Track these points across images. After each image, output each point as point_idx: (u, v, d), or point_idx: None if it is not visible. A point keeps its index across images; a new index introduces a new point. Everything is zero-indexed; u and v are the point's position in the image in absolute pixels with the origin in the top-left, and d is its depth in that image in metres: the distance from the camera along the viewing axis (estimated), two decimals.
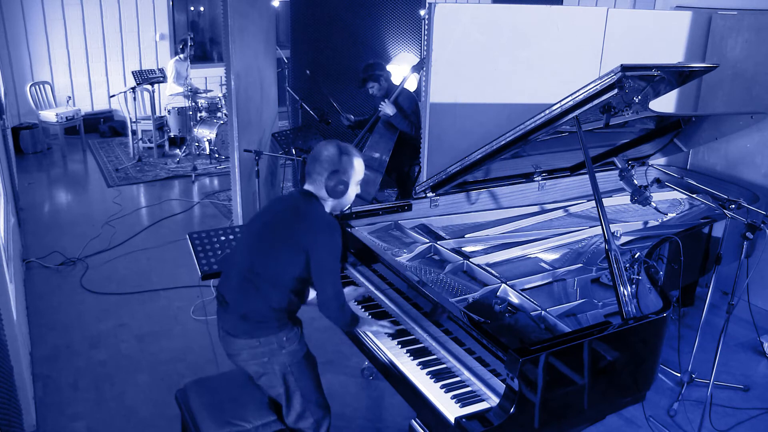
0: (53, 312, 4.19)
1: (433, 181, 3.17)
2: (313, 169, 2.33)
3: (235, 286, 2.37)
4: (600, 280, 2.72)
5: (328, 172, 2.29)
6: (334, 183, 2.29)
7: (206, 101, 7.61)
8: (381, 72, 4.69)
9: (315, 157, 2.34)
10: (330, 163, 2.30)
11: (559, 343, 2.00)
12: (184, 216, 5.99)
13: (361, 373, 3.54)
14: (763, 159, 4.18)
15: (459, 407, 2.06)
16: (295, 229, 2.27)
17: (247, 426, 2.38)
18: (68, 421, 3.16)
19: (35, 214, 5.90)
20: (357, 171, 2.36)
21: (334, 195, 2.32)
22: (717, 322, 3.99)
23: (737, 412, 3.32)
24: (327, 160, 2.30)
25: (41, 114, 7.74)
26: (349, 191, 2.35)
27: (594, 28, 4.10)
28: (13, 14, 7.91)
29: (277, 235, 2.30)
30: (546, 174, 3.56)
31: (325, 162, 2.30)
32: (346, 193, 2.34)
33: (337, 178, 2.29)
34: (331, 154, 2.31)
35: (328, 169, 2.30)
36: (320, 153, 2.33)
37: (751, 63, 4.22)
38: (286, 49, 6.57)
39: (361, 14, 6.06)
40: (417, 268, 2.70)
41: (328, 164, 2.30)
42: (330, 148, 2.32)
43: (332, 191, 2.30)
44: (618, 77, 2.29)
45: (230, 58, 4.47)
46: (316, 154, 2.34)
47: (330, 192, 2.31)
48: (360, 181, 2.41)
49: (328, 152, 2.31)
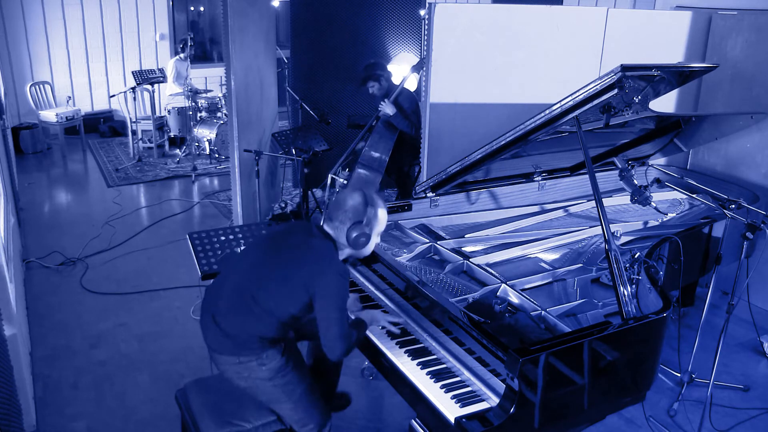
0: (53, 312, 4.18)
1: (433, 181, 3.17)
2: (336, 216, 2.26)
3: (228, 306, 2.31)
4: (600, 280, 2.72)
5: (351, 222, 2.24)
6: (356, 234, 2.23)
7: (206, 101, 7.61)
8: (382, 72, 4.69)
9: (339, 204, 2.27)
10: (354, 214, 2.24)
11: (559, 343, 2.00)
12: (184, 216, 5.99)
13: (361, 373, 3.54)
14: (763, 159, 4.18)
15: (459, 407, 2.06)
16: (305, 271, 2.21)
17: (247, 426, 2.38)
18: (68, 421, 3.16)
19: (35, 214, 5.90)
20: (381, 222, 2.30)
21: (355, 246, 2.27)
22: (717, 322, 3.99)
23: (737, 412, 3.32)
24: (352, 210, 2.24)
25: (41, 114, 7.74)
26: (370, 243, 2.31)
27: (594, 28, 4.10)
28: (13, 14, 7.91)
29: (285, 270, 2.23)
30: (546, 174, 3.55)
31: (349, 212, 2.24)
32: (365, 247, 2.30)
33: (360, 229, 2.23)
34: (356, 204, 2.25)
35: (352, 219, 2.24)
36: (345, 201, 2.26)
37: (751, 63, 4.22)
38: (286, 49, 6.57)
39: (361, 14, 6.06)
40: (417, 268, 2.70)
41: (353, 214, 2.24)
42: (356, 198, 2.26)
43: (354, 243, 2.25)
44: (618, 77, 2.29)
45: (230, 58, 4.47)
46: (341, 201, 2.27)
47: (351, 243, 2.25)
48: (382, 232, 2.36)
49: (354, 201, 2.25)
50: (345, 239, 2.26)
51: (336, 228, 2.27)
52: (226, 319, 2.31)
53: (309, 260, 2.22)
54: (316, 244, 2.26)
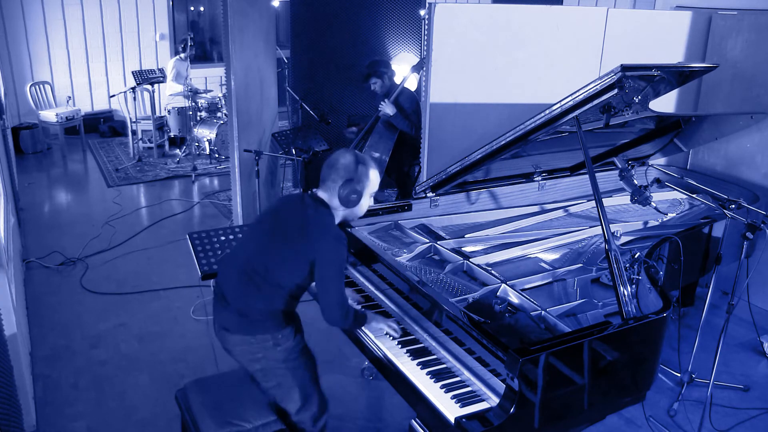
0: (53, 312, 4.18)
1: (433, 181, 3.17)
2: (328, 176, 2.31)
3: (236, 283, 2.37)
4: (600, 280, 2.72)
5: (342, 180, 2.28)
6: (347, 192, 2.27)
7: (206, 101, 7.61)
8: (385, 69, 4.69)
9: (331, 164, 2.32)
10: (346, 172, 2.28)
11: (559, 343, 2.00)
12: (184, 216, 5.99)
13: (361, 373, 3.54)
14: (763, 159, 4.18)
15: (459, 407, 2.06)
16: (303, 238, 2.27)
17: (247, 426, 2.38)
18: (68, 421, 3.16)
19: (35, 214, 5.90)
20: (372, 182, 2.35)
21: (347, 204, 2.31)
22: (717, 322, 3.99)
23: (737, 412, 3.32)
24: (343, 168, 2.29)
25: (41, 114, 7.74)
26: (362, 202, 2.34)
27: (594, 28, 4.10)
28: (13, 14, 7.91)
29: (284, 240, 2.30)
30: (546, 174, 3.55)
31: (341, 170, 2.29)
32: (358, 204, 2.33)
33: (351, 187, 2.27)
34: (347, 162, 2.29)
35: (343, 177, 2.28)
36: (336, 160, 2.31)
37: (751, 63, 4.22)
38: (286, 49, 6.57)
39: (361, 14, 6.06)
40: (417, 268, 2.70)
41: (344, 172, 2.28)
42: (347, 157, 2.31)
43: (345, 200, 2.29)
44: (618, 77, 2.29)
45: (230, 58, 4.47)
46: (333, 161, 2.32)
47: (343, 201, 2.29)
48: (374, 193, 2.40)
49: (345, 160, 2.30)
50: (337, 199, 2.30)
51: (328, 188, 2.31)
52: (236, 298, 2.36)
53: (307, 229, 2.28)
54: (310, 213, 2.31)
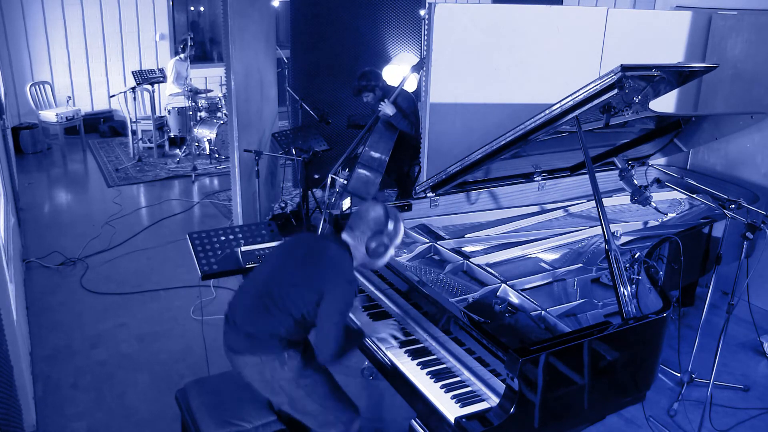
0: (53, 312, 4.18)
1: (433, 181, 3.17)
2: (357, 225, 2.34)
3: (248, 306, 2.36)
4: (600, 280, 2.72)
5: (372, 233, 2.31)
6: (376, 245, 2.30)
7: (206, 101, 7.61)
8: (376, 82, 4.69)
9: (362, 215, 2.35)
10: (376, 224, 2.31)
11: (559, 343, 2.00)
12: (184, 216, 5.99)
13: (361, 373, 3.54)
14: (763, 159, 4.18)
15: (459, 407, 2.06)
16: (318, 271, 2.27)
17: (247, 426, 2.38)
18: (68, 421, 3.16)
19: (35, 214, 5.90)
20: (399, 236, 2.38)
21: (373, 256, 2.33)
22: (717, 322, 3.99)
23: (737, 412, 3.32)
24: (374, 220, 2.31)
25: (41, 114, 7.74)
26: (384, 257, 2.37)
27: (594, 28, 4.10)
28: (13, 14, 7.91)
29: (302, 270, 2.31)
30: (546, 174, 3.55)
31: (371, 222, 2.31)
32: (381, 258, 2.35)
33: (380, 240, 2.30)
34: (379, 216, 2.32)
35: (373, 229, 2.31)
36: (368, 212, 2.34)
37: (751, 63, 4.22)
38: (286, 49, 6.57)
39: (361, 14, 6.06)
40: (417, 268, 2.70)
41: (375, 225, 2.31)
42: (379, 210, 2.33)
43: (373, 252, 2.31)
44: (618, 77, 2.29)
45: (230, 58, 4.47)
46: (364, 213, 2.35)
47: (370, 253, 2.32)
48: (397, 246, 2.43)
49: (377, 214, 2.32)
50: (364, 248, 2.32)
51: (356, 237, 2.34)
52: (244, 320, 2.36)
53: (324, 263, 2.29)
54: (333, 249, 2.32)
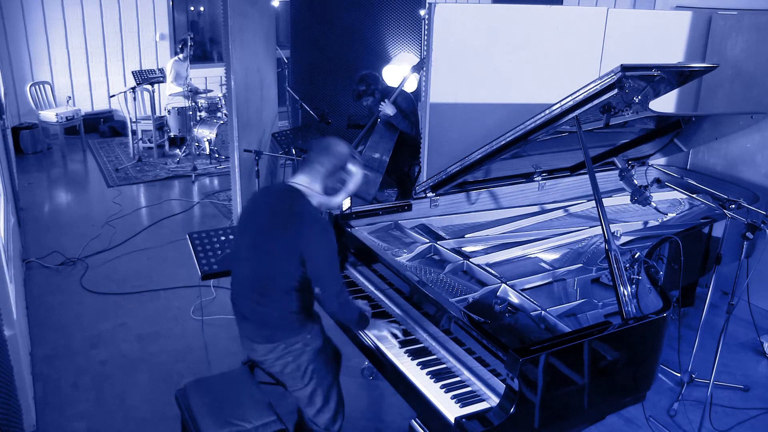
0: (53, 312, 4.18)
1: (433, 181, 3.17)
2: (317, 158, 2.27)
3: (247, 297, 2.35)
4: (600, 280, 2.72)
5: (332, 167, 2.25)
6: (334, 180, 2.26)
7: (206, 101, 7.61)
8: (375, 85, 4.70)
9: (324, 148, 2.28)
10: (338, 159, 2.25)
11: (559, 343, 2.00)
12: (184, 216, 5.98)
13: (361, 373, 3.54)
14: (763, 159, 4.18)
15: (459, 407, 2.06)
16: (288, 234, 2.22)
17: (247, 426, 2.38)
18: (68, 421, 3.16)
19: (35, 214, 5.90)
20: (355, 179, 2.33)
21: (327, 192, 2.28)
22: (717, 322, 3.98)
23: (737, 412, 3.32)
24: (337, 155, 2.26)
25: (41, 114, 7.74)
26: (339, 195, 2.32)
27: (594, 28, 4.10)
28: (13, 14, 7.91)
29: (271, 242, 2.25)
30: (546, 174, 3.55)
31: (332, 156, 2.25)
32: (335, 196, 2.31)
33: (339, 176, 2.26)
34: (342, 151, 2.27)
35: (334, 164, 2.25)
36: (330, 146, 2.28)
37: (751, 63, 4.22)
38: (286, 49, 6.58)
39: (361, 14, 6.06)
40: (417, 268, 2.70)
41: (336, 160, 2.25)
42: (342, 146, 2.29)
43: (328, 188, 2.27)
44: (618, 77, 2.29)
45: (230, 58, 4.47)
46: (326, 146, 2.28)
47: (325, 187, 2.27)
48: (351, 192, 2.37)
49: (341, 150, 2.27)
50: (320, 184, 2.26)
51: (313, 171, 2.27)
52: (251, 311, 2.35)
53: (289, 222, 2.22)
54: (289, 204, 2.24)
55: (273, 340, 2.33)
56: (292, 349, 2.35)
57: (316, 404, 2.46)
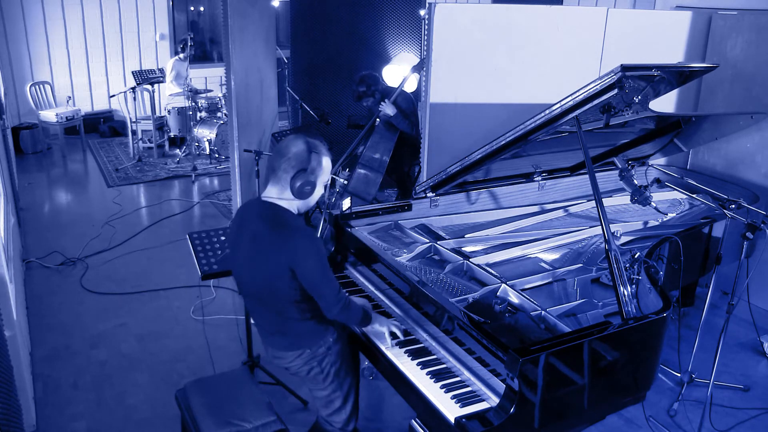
0: (53, 312, 4.18)
1: (433, 181, 3.17)
2: (279, 165, 2.17)
3: (261, 312, 2.37)
4: (600, 280, 2.72)
5: (295, 171, 2.15)
6: (300, 183, 2.15)
7: (206, 101, 7.61)
8: (375, 86, 4.70)
9: (281, 152, 2.17)
10: (298, 161, 2.15)
11: (559, 343, 2.00)
12: (184, 216, 5.99)
13: (361, 373, 3.53)
14: (763, 159, 4.18)
15: (459, 407, 2.06)
16: (274, 250, 2.15)
17: (247, 426, 2.38)
18: (68, 421, 3.16)
19: (35, 214, 5.90)
20: (325, 170, 2.22)
21: (300, 196, 2.18)
22: (717, 322, 3.98)
23: (737, 412, 3.32)
24: (295, 157, 2.15)
25: (41, 114, 7.74)
26: (315, 192, 2.22)
27: (594, 28, 4.10)
28: (13, 14, 7.91)
29: (264, 260, 2.19)
30: (546, 174, 3.55)
31: (292, 159, 2.15)
32: (311, 195, 2.22)
33: (304, 178, 2.15)
34: (299, 151, 2.15)
35: (295, 167, 2.15)
36: (287, 148, 2.16)
37: (751, 63, 4.22)
38: (286, 49, 6.58)
39: (361, 14, 6.06)
40: (417, 268, 2.70)
41: (296, 162, 2.15)
42: (299, 144, 2.16)
43: (298, 192, 2.17)
44: (618, 77, 2.29)
45: (230, 58, 4.47)
46: (283, 149, 2.17)
47: (296, 193, 2.17)
48: (327, 181, 2.29)
49: (297, 149, 2.15)
50: (289, 191, 2.17)
51: (279, 180, 2.18)
52: (269, 323, 2.37)
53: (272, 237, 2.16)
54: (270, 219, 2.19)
55: (299, 347, 2.35)
56: (316, 353, 2.37)
57: (335, 404, 2.47)
